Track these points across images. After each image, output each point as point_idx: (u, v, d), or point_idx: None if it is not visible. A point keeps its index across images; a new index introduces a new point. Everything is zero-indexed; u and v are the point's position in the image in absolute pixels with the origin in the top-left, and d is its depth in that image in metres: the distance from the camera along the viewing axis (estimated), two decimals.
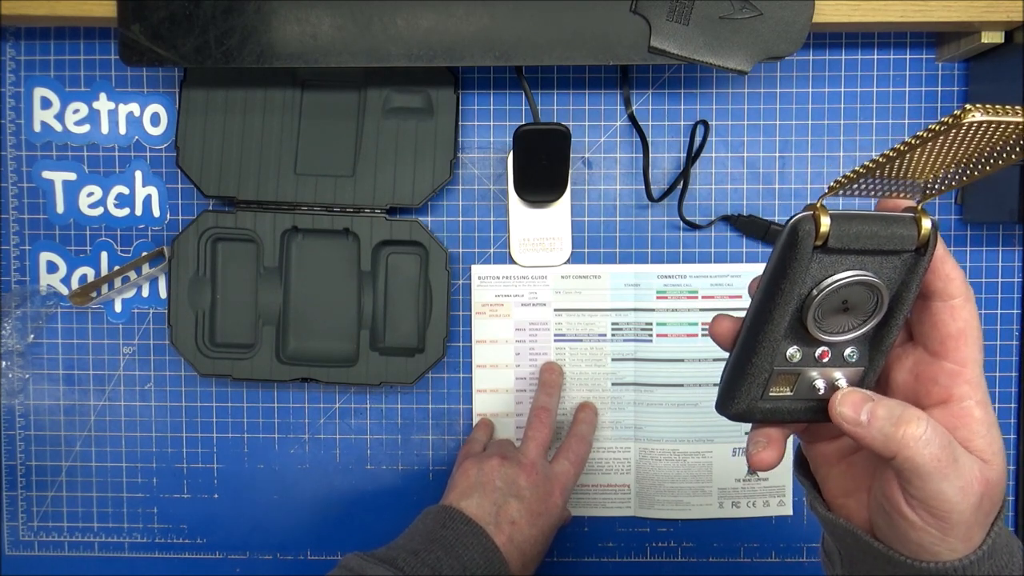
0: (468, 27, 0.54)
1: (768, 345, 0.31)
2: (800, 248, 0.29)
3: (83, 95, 0.65)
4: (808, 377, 0.32)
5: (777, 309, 0.31)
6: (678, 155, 0.64)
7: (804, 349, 0.32)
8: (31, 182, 0.65)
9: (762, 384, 0.32)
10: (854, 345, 0.32)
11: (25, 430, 0.67)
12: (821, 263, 0.30)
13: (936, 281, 0.31)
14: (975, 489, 0.30)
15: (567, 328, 0.65)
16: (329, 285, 0.64)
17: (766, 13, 0.52)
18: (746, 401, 0.33)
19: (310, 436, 0.66)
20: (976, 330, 0.32)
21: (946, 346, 0.32)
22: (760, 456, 0.34)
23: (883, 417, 0.30)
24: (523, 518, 0.53)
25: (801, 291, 0.30)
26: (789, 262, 0.30)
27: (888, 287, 0.30)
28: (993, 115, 0.25)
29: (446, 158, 0.61)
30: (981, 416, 0.31)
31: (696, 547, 0.66)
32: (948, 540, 0.31)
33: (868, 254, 0.30)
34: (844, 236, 0.29)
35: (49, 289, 0.66)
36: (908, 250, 0.30)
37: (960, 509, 0.30)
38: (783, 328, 0.31)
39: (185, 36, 0.54)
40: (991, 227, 0.64)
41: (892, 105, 0.64)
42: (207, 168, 0.61)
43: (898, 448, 0.29)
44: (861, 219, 0.29)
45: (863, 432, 0.30)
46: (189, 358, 0.62)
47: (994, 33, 0.57)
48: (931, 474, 0.29)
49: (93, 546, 0.67)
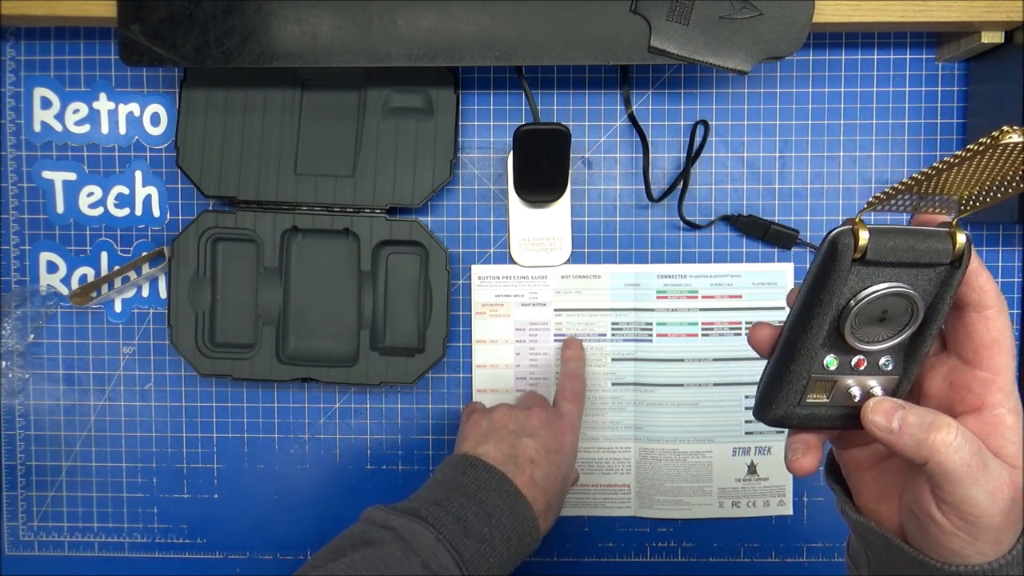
0: (468, 27, 0.54)
1: (806, 353, 0.32)
2: (839, 261, 0.30)
3: (83, 95, 0.65)
4: (844, 385, 0.33)
5: (815, 319, 0.32)
6: (678, 155, 0.64)
7: (841, 358, 0.33)
8: (31, 182, 0.65)
9: (799, 391, 0.33)
10: (889, 354, 0.33)
11: (25, 430, 0.67)
12: (859, 275, 0.31)
13: (971, 293, 0.32)
14: (1005, 494, 0.31)
15: (567, 328, 0.65)
16: (329, 285, 0.64)
17: (766, 13, 0.52)
18: (784, 407, 0.34)
19: (310, 436, 0.66)
20: (1009, 340, 0.32)
21: (980, 355, 0.32)
22: (800, 462, 0.34)
23: (914, 424, 0.31)
24: (541, 456, 0.53)
25: (839, 302, 0.31)
26: (828, 274, 0.31)
27: (923, 299, 0.31)
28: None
29: (446, 158, 0.61)
30: (1013, 423, 0.32)
31: (696, 547, 0.66)
32: (978, 544, 0.31)
33: (904, 267, 0.31)
34: (882, 249, 0.30)
35: (49, 289, 0.65)
36: (943, 263, 0.31)
37: (990, 514, 0.31)
38: (821, 337, 0.32)
39: (185, 36, 0.54)
40: (991, 227, 0.64)
41: (892, 105, 0.64)
42: (207, 168, 0.61)
43: (929, 453, 0.30)
44: (898, 233, 0.30)
45: (895, 439, 0.31)
46: (189, 358, 0.62)
47: (994, 33, 0.57)
48: (962, 479, 0.30)
49: (93, 546, 0.67)
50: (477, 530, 0.48)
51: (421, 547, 0.46)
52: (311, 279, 0.64)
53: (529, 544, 0.50)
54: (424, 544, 0.46)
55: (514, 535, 0.49)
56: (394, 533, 0.47)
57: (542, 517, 0.51)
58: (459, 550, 0.46)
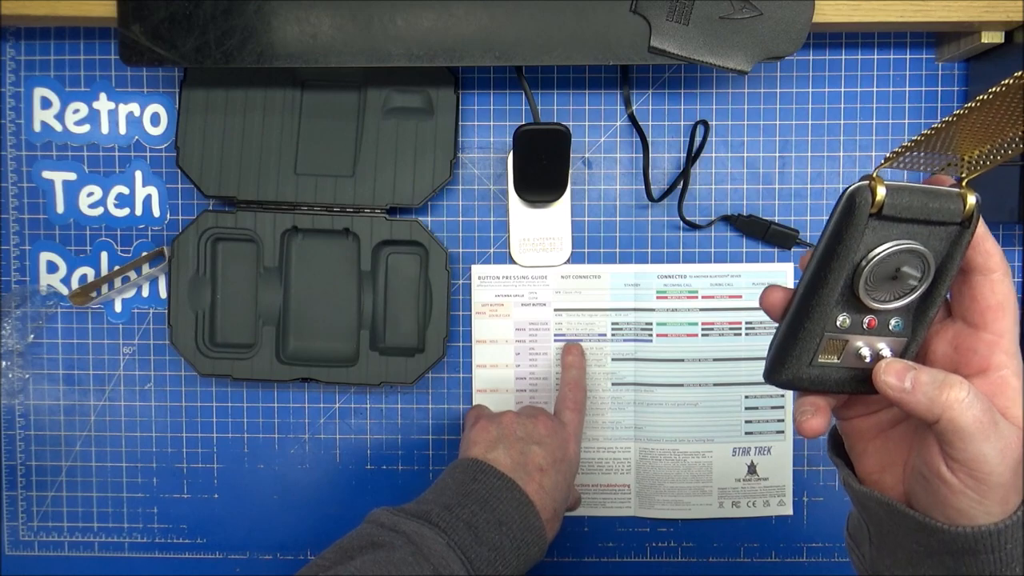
0: (468, 27, 0.54)
1: (821, 310, 0.33)
2: (857, 215, 0.31)
3: (83, 95, 0.64)
4: (854, 346, 0.34)
5: (832, 274, 0.32)
6: (678, 155, 0.64)
7: (853, 316, 0.33)
8: (31, 182, 0.65)
9: (812, 350, 0.34)
10: (899, 315, 0.34)
11: (25, 430, 0.67)
12: (875, 231, 0.32)
13: (977, 256, 0.33)
14: (1013, 452, 0.31)
15: (567, 328, 0.65)
16: (329, 285, 0.64)
17: (766, 13, 0.52)
18: (795, 368, 0.34)
19: (310, 436, 0.66)
20: (1014, 304, 0.33)
21: (985, 318, 0.33)
22: (809, 423, 0.35)
23: (927, 383, 0.31)
24: (549, 464, 0.53)
25: (855, 257, 0.32)
26: (846, 228, 0.31)
27: (935, 257, 0.32)
28: None
29: (446, 158, 0.61)
30: (1017, 385, 0.33)
31: (696, 547, 0.66)
32: (985, 503, 0.32)
33: (918, 223, 0.32)
34: (897, 205, 0.31)
35: (49, 289, 0.65)
36: (954, 222, 0.32)
37: (999, 471, 0.31)
38: (836, 293, 0.33)
39: (185, 36, 0.54)
40: (991, 227, 0.63)
41: (892, 105, 0.64)
42: (207, 168, 0.61)
43: (942, 410, 0.31)
44: (912, 191, 0.31)
45: (908, 398, 0.32)
46: (189, 358, 0.62)
47: (994, 33, 0.57)
48: (973, 435, 0.31)
49: (93, 546, 0.67)
50: (488, 537, 0.47)
51: (432, 553, 0.45)
52: (311, 279, 0.64)
53: (536, 553, 0.50)
54: (435, 550, 0.45)
55: (523, 544, 0.49)
56: (404, 537, 0.46)
57: (549, 526, 0.51)
58: (470, 557, 0.46)
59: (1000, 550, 0.33)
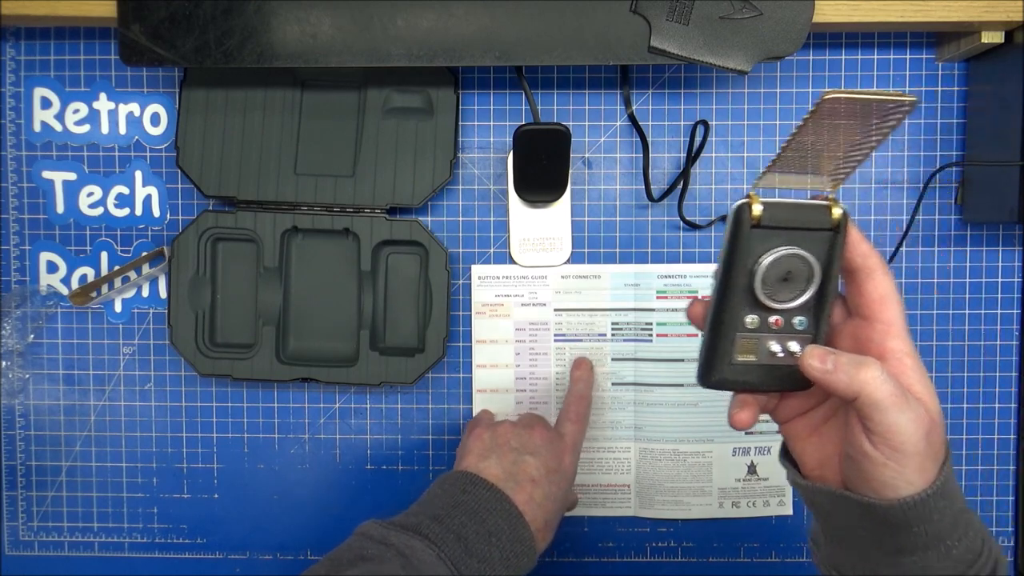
0: (468, 27, 0.54)
1: (730, 312, 0.38)
2: (742, 226, 0.36)
3: (83, 95, 0.64)
4: (767, 344, 0.38)
5: (732, 280, 0.37)
6: (678, 155, 0.64)
7: (760, 316, 0.38)
8: (31, 182, 0.65)
9: (729, 350, 0.38)
10: (801, 314, 0.38)
11: (25, 430, 0.67)
12: (760, 239, 0.37)
13: (856, 258, 0.38)
14: (923, 422, 0.35)
15: (567, 328, 0.65)
16: (329, 285, 0.64)
17: (766, 13, 0.52)
18: (719, 369, 0.39)
19: (310, 436, 0.66)
20: (895, 295, 0.38)
21: (873, 310, 0.38)
22: (737, 416, 0.40)
23: (846, 363, 0.35)
24: (541, 475, 0.53)
25: (748, 263, 0.37)
26: (735, 239, 0.37)
27: (817, 260, 0.37)
28: (846, 93, 0.32)
29: (446, 158, 0.61)
30: (913, 364, 0.37)
31: (696, 547, 0.66)
32: (905, 472, 0.35)
33: (795, 231, 0.37)
34: (774, 217, 0.36)
35: (49, 289, 0.65)
36: (826, 228, 0.37)
37: (914, 440, 0.35)
38: (739, 296, 0.38)
39: (185, 36, 0.54)
40: (991, 227, 0.64)
41: None
42: (207, 168, 0.61)
43: (860, 387, 0.35)
44: (785, 205, 0.37)
45: (830, 378, 0.35)
46: (189, 358, 0.62)
47: (994, 33, 0.57)
48: (889, 408, 0.34)
49: (93, 546, 0.67)
50: (478, 549, 0.47)
51: (422, 565, 0.45)
52: (311, 279, 0.64)
53: (526, 565, 0.50)
54: (425, 561, 0.46)
55: (513, 556, 0.49)
56: (394, 550, 0.46)
57: (539, 537, 0.51)
58: (460, 569, 0.46)
59: (928, 521, 0.36)
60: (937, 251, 0.64)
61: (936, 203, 0.64)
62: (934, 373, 0.65)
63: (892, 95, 0.32)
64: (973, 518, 0.39)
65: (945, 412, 0.64)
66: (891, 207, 0.64)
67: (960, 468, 0.65)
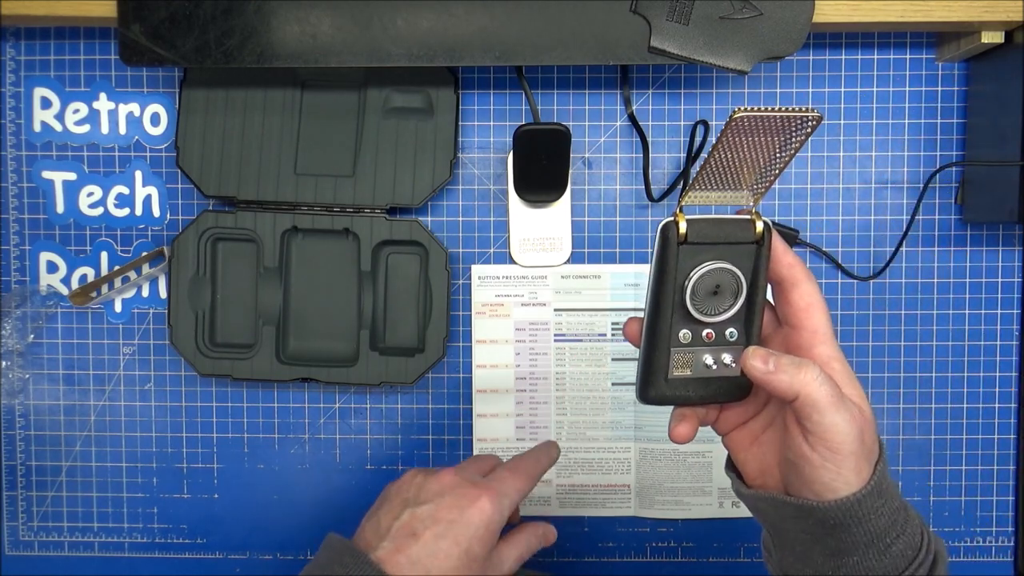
0: (468, 27, 0.54)
1: (663, 328, 0.39)
2: (669, 243, 0.38)
3: (83, 95, 0.64)
4: (701, 357, 0.40)
5: (663, 296, 0.38)
6: (678, 155, 0.64)
7: (693, 330, 0.39)
8: (31, 182, 0.65)
9: (664, 365, 0.39)
10: (732, 326, 0.40)
11: (25, 430, 0.67)
12: (688, 256, 0.38)
13: (782, 270, 0.39)
14: (858, 423, 0.36)
15: (567, 328, 0.65)
16: (329, 285, 0.64)
17: (766, 13, 0.52)
18: (656, 385, 0.40)
19: (310, 436, 0.66)
20: (821, 302, 0.39)
21: (800, 318, 0.39)
22: (676, 430, 0.41)
23: (787, 363, 0.36)
24: (427, 528, 0.46)
25: (677, 279, 0.38)
26: (664, 256, 0.38)
27: (743, 272, 0.38)
28: (754, 111, 0.33)
29: (446, 158, 0.61)
30: (840, 368, 0.39)
31: (696, 547, 0.66)
32: (843, 472, 0.36)
33: (721, 246, 0.38)
34: (699, 233, 0.37)
35: (49, 289, 0.65)
36: (749, 242, 0.38)
37: (850, 440, 0.36)
38: (671, 312, 0.39)
39: (185, 36, 0.54)
40: (991, 227, 0.64)
41: (892, 105, 0.64)
42: (207, 168, 0.61)
43: (800, 387, 0.36)
44: (711, 221, 0.38)
45: (771, 377, 0.36)
46: (189, 358, 0.62)
47: (994, 33, 0.57)
48: (826, 408, 0.36)
49: (93, 546, 0.67)
50: None
51: None
52: (311, 279, 0.64)
53: None
54: None
55: None
56: None
57: None
58: None
59: (866, 520, 0.37)
60: (937, 251, 0.64)
61: (936, 203, 0.64)
62: (934, 373, 0.65)
63: (797, 111, 0.34)
64: (911, 514, 0.40)
65: (945, 412, 0.64)
66: (891, 207, 0.64)
67: (960, 468, 0.65)
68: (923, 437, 0.65)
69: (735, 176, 0.38)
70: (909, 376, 0.65)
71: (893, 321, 0.64)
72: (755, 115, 0.34)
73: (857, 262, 0.64)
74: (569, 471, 0.65)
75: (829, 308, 0.40)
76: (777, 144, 0.36)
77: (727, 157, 0.36)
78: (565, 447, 0.65)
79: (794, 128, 0.35)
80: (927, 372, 0.65)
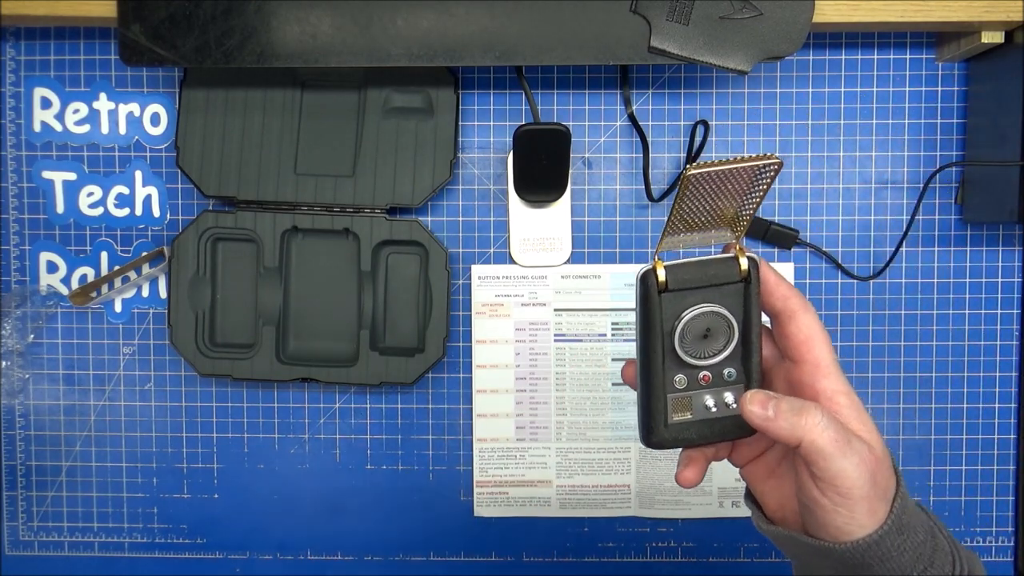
0: (468, 27, 0.54)
1: (656, 376, 0.37)
2: (650, 293, 0.36)
3: (83, 95, 0.64)
4: (700, 400, 0.38)
5: (651, 345, 0.37)
6: (678, 155, 0.64)
7: (688, 374, 0.37)
8: (31, 182, 0.65)
9: (663, 412, 0.38)
10: (729, 366, 0.38)
11: (25, 430, 0.67)
12: (672, 302, 0.36)
13: (776, 303, 0.37)
14: (868, 465, 0.34)
15: (567, 328, 0.65)
16: (329, 285, 0.64)
17: (766, 13, 0.52)
18: (658, 431, 0.38)
19: (310, 436, 0.66)
20: (821, 333, 0.37)
21: (800, 351, 0.37)
22: (683, 475, 0.39)
23: (787, 410, 0.34)
24: None
25: (664, 327, 0.37)
26: (646, 305, 0.36)
27: (733, 313, 0.37)
28: (707, 167, 0.32)
29: (446, 158, 0.61)
30: (847, 403, 0.36)
31: (696, 547, 0.66)
32: (856, 517, 0.35)
33: (705, 289, 0.36)
34: (680, 280, 0.36)
35: (49, 289, 0.65)
36: (735, 281, 0.36)
37: (860, 484, 0.34)
38: (661, 361, 0.37)
39: (185, 36, 0.54)
40: (991, 227, 0.64)
41: (892, 105, 0.63)
42: (207, 168, 0.61)
43: (803, 434, 0.34)
44: (690, 265, 0.36)
45: (771, 424, 0.34)
46: (189, 358, 0.62)
47: (994, 33, 0.57)
48: (832, 454, 0.34)
49: (93, 546, 0.67)
50: None
51: None
52: (311, 279, 0.64)
53: None
54: None
55: None
56: None
57: None
58: None
59: (887, 559, 0.35)
60: (937, 251, 0.64)
61: (936, 203, 0.64)
62: (934, 373, 0.65)
63: (754, 160, 0.33)
64: (939, 541, 0.38)
65: (945, 412, 0.64)
66: (891, 207, 0.64)
67: (960, 468, 0.65)
68: (923, 437, 0.65)
69: (708, 218, 0.36)
70: (909, 376, 0.65)
71: (893, 321, 0.64)
72: (710, 170, 0.32)
73: (857, 262, 0.64)
74: (569, 471, 0.65)
75: (831, 308, 0.38)
76: (741, 190, 0.35)
77: (693, 207, 0.35)
78: (565, 448, 0.65)
79: (756, 175, 0.34)
80: (927, 372, 0.64)
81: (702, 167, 0.32)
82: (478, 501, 0.66)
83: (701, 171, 0.32)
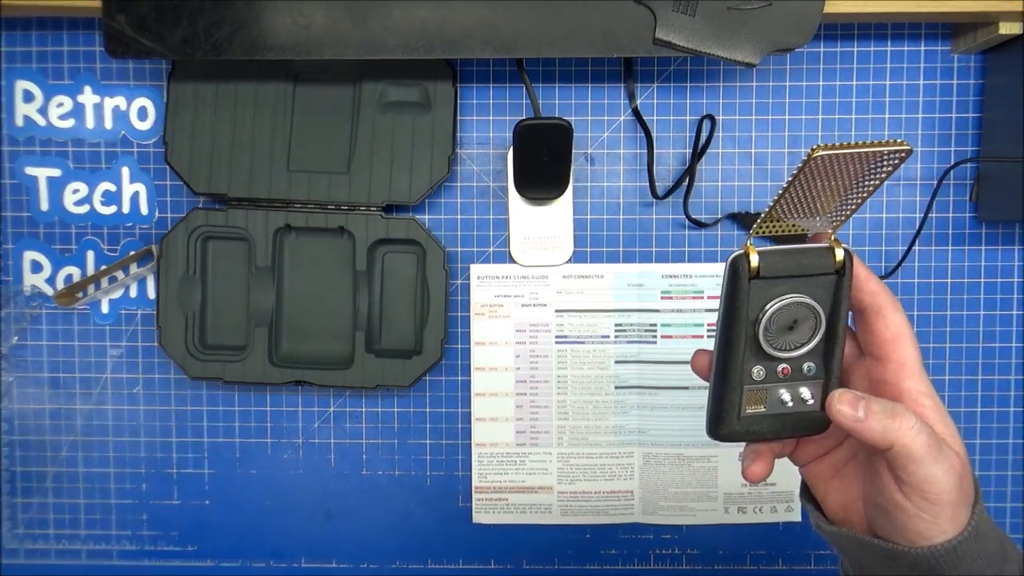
0: (467, 18, 0.53)
1: (734, 366, 0.37)
2: (740, 279, 0.36)
3: (67, 88, 0.63)
4: (776, 393, 0.38)
5: (734, 334, 0.36)
6: (683, 151, 0.63)
7: (766, 366, 0.37)
8: (14, 178, 0.64)
9: (737, 404, 0.37)
10: (809, 360, 0.37)
11: (10, 435, 0.66)
12: (761, 290, 0.36)
13: (865, 298, 0.37)
14: (956, 471, 0.34)
15: (569, 329, 0.64)
16: (323, 285, 0.63)
17: (775, 3, 0.52)
18: (728, 423, 0.37)
19: (304, 441, 0.65)
20: (908, 332, 0.37)
21: (885, 350, 0.37)
22: (750, 469, 0.39)
23: (879, 411, 0.34)
24: None
25: (750, 315, 0.36)
26: (734, 292, 0.36)
27: (822, 305, 0.36)
28: (836, 150, 0.32)
29: (444, 154, 0.60)
30: (932, 405, 0.36)
31: (701, 554, 0.65)
32: (939, 522, 0.34)
33: (799, 278, 0.36)
34: (772, 267, 0.36)
35: (33, 289, 0.65)
36: (829, 273, 0.36)
37: (948, 490, 0.34)
38: (742, 350, 0.36)
39: (173, 27, 0.53)
40: (1006, 225, 0.63)
41: (906, 99, 0.63)
42: (197, 164, 0.60)
43: (895, 438, 0.33)
44: (783, 253, 0.36)
45: (861, 427, 0.34)
46: (179, 360, 0.61)
47: (1012, 24, 0.56)
48: (924, 459, 0.33)
49: (80, 554, 0.66)
50: None
51: None
52: (305, 279, 0.63)
53: None
54: None
55: None
56: None
57: None
58: None
59: (960, 564, 0.35)
60: (951, 250, 0.63)
61: (950, 200, 0.63)
62: (947, 376, 0.64)
63: (885, 145, 0.32)
64: (1008, 551, 0.37)
65: (960, 416, 0.64)
66: (904, 204, 0.63)
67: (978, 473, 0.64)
68: None
69: (811, 206, 0.36)
70: None
71: None
72: (837, 152, 0.32)
73: (869, 261, 0.63)
74: (571, 477, 0.64)
75: None
76: (860, 177, 0.34)
77: (803, 191, 0.34)
78: (566, 453, 0.64)
79: (880, 161, 0.33)
80: (941, 375, 0.64)
81: (831, 148, 0.32)
82: (477, 507, 0.65)
83: (830, 152, 0.32)
